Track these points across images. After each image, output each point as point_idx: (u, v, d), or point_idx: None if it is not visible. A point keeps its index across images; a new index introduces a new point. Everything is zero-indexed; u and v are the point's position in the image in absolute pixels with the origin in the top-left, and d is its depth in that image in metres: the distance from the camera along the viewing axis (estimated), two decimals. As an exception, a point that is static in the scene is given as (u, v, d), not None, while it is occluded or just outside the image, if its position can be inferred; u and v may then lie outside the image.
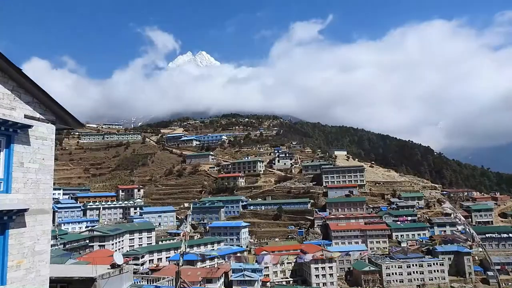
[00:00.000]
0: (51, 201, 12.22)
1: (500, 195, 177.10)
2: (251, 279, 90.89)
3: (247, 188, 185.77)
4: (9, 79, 10.95)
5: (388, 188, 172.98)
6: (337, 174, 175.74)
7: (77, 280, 16.76)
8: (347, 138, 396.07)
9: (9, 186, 10.68)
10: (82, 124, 14.42)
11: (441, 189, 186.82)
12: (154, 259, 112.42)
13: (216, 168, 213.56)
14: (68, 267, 21.55)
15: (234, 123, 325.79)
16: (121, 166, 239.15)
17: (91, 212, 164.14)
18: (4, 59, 10.40)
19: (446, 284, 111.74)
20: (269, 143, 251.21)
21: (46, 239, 11.85)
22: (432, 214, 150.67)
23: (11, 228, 10.68)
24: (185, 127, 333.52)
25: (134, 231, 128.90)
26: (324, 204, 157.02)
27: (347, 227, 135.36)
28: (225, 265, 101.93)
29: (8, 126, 10.59)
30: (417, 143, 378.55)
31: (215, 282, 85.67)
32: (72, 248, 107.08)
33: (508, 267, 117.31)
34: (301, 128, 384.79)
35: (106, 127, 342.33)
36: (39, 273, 11.46)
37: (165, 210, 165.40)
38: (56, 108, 12.34)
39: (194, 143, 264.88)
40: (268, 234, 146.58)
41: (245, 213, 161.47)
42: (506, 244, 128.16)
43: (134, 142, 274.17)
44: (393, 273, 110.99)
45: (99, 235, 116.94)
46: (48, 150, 12.09)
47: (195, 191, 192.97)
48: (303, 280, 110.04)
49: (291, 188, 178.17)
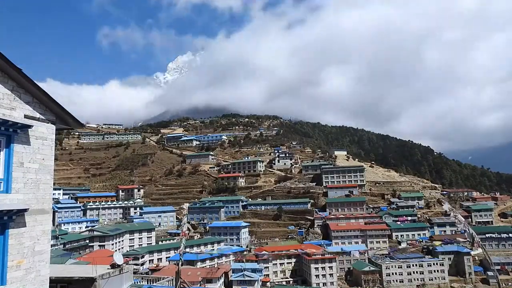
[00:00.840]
0: (51, 201, 12.21)
1: (500, 195, 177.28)
2: (251, 279, 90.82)
3: (247, 188, 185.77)
4: (9, 79, 10.94)
5: (388, 188, 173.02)
6: (337, 174, 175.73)
7: (77, 280, 16.75)
8: (347, 138, 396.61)
9: (9, 186, 10.67)
10: (82, 124, 14.40)
11: (441, 189, 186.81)
12: (154, 259, 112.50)
13: (216, 168, 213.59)
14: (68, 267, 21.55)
15: (234, 123, 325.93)
16: (121, 166, 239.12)
17: (91, 212, 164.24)
18: (4, 59, 10.39)
19: (446, 284, 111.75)
20: (269, 143, 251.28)
21: (46, 239, 11.84)
22: (432, 214, 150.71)
23: (11, 228, 10.68)
24: (185, 127, 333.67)
25: (134, 231, 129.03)
26: (324, 204, 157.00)
27: (347, 227, 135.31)
28: (225, 265, 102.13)
29: (8, 126, 10.58)
30: (417, 143, 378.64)
31: (215, 282, 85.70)
32: (72, 248, 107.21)
33: (508, 267, 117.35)
34: (301, 128, 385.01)
35: (106, 127, 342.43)
36: (39, 273, 11.45)
37: (165, 210, 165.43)
38: (56, 108, 12.33)
39: (194, 143, 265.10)
40: (268, 234, 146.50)
41: (245, 213, 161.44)
42: (506, 244, 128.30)
43: (134, 142, 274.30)
44: (393, 273, 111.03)
45: (99, 235, 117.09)
46: (48, 150, 12.08)
47: (195, 191, 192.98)
48: (303, 280, 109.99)
49: (291, 188, 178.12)
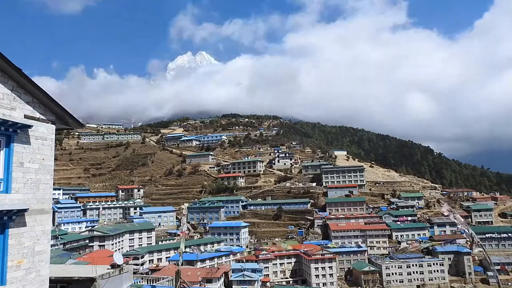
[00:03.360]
0: (51, 201, 12.20)
1: (500, 195, 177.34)
2: (251, 279, 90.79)
3: (247, 188, 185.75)
4: (9, 79, 10.93)
5: (388, 188, 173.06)
6: (337, 174, 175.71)
7: (77, 280, 16.73)
8: (347, 138, 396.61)
9: (9, 186, 10.66)
10: (82, 124, 14.40)
11: (441, 189, 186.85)
12: (154, 259, 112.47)
13: (216, 168, 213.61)
14: (68, 267, 21.52)
15: (234, 123, 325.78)
16: (121, 166, 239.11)
17: (91, 212, 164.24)
18: (4, 59, 10.39)
19: (446, 284, 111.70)
20: (269, 143, 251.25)
21: (46, 239, 11.84)
22: (432, 214, 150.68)
23: (11, 228, 10.67)
24: (185, 127, 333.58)
25: (134, 231, 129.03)
26: (324, 204, 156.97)
27: (347, 227, 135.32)
28: (225, 265, 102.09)
29: (8, 126, 10.57)
30: (417, 143, 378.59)
31: (215, 282, 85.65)
32: (72, 248, 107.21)
33: (508, 267, 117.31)
34: (301, 128, 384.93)
35: (106, 127, 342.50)
36: (39, 273, 11.45)
37: (165, 210, 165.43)
38: (56, 108, 12.33)
39: (194, 143, 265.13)
40: (268, 234, 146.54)
41: (245, 213, 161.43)
42: (506, 244, 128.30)
43: (134, 142, 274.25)
44: (393, 273, 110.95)
45: (99, 235, 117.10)
46: (48, 150, 12.07)
47: (195, 191, 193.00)
48: (303, 280, 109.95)
49: (291, 188, 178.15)
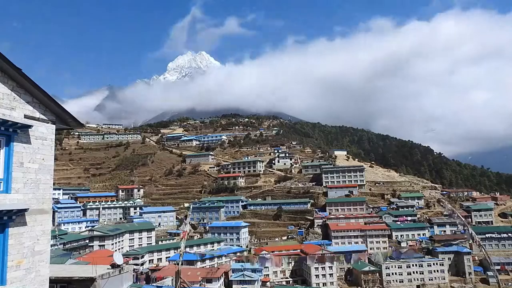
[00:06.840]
0: (51, 201, 12.21)
1: (500, 195, 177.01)
2: (251, 279, 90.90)
3: (247, 188, 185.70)
4: (9, 79, 10.93)
5: (388, 188, 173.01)
6: (337, 174, 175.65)
7: (77, 280, 16.73)
8: (347, 138, 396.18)
9: (9, 186, 10.66)
10: (82, 124, 14.40)
11: (441, 189, 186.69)
12: (154, 259, 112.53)
13: (216, 168, 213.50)
14: (67, 267, 21.53)
15: (234, 123, 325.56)
16: (121, 166, 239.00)
17: (91, 212, 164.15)
18: (3, 59, 10.39)
19: (446, 284, 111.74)
20: (269, 143, 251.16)
21: (46, 239, 11.84)
22: (432, 214, 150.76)
23: (11, 228, 10.68)
24: (185, 127, 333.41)
25: (134, 231, 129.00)
26: (324, 204, 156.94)
27: (347, 227, 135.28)
28: (225, 265, 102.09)
29: (8, 126, 10.58)
30: (417, 143, 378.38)
31: (215, 282, 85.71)
32: (72, 248, 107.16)
33: (508, 267, 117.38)
34: (301, 128, 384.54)
35: (106, 127, 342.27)
36: (39, 273, 11.45)
37: (165, 210, 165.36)
38: (56, 108, 12.33)
39: (194, 143, 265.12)
40: (268, 234, 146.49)
41: (245, 213, 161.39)
42: (506, 244, 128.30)
43: (134, 142, 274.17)
44: (393, 273, 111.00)
45: (99, 235, 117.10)
46: (48, 150, 12.07)
47: (195, 191, 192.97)
48: (303, 280, 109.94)
49: (291, 188, 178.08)
